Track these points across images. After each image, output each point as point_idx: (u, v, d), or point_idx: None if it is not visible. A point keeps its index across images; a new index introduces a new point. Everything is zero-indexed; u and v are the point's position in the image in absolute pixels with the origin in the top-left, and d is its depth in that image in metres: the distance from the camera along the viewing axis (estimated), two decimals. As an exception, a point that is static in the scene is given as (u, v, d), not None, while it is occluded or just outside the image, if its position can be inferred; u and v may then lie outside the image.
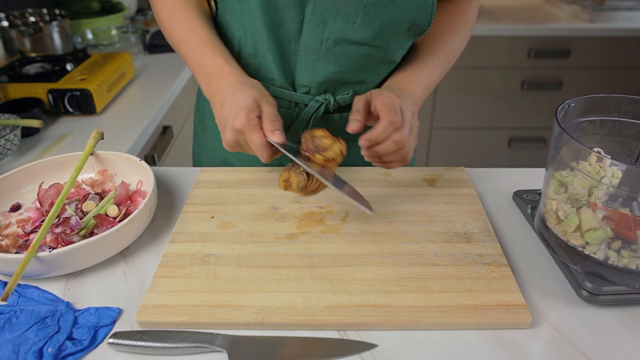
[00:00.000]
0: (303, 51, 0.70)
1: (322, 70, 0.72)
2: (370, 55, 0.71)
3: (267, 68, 0.73)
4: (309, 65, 0.71)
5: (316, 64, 0.71)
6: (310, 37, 0.69)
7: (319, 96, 0.75)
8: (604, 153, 0.60)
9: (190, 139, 1.56)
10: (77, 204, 0.67)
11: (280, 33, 0.69)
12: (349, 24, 0.67)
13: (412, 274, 0.58)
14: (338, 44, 0.69)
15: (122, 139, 1.01)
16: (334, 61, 0.71)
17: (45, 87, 1.08)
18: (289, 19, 0.67)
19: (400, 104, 0.64)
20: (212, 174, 0.77)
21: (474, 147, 2.27)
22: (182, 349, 0.49)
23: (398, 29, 0.70)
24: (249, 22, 0.70)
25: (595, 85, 2.09)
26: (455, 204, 0.70)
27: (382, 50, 0.72)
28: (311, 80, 0.73)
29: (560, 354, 0.49)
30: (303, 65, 0.72)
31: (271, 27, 0.68)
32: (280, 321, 0.52)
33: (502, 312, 0.52)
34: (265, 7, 0.66)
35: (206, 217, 0.68)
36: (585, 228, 0.55)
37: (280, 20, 0.68)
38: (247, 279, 0.57)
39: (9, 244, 0.62)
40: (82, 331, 0.52)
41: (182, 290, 0.56)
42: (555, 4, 2.23)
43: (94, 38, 1.52)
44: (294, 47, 0.70)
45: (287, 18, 0.67)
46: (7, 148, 0.89)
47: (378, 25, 0.68)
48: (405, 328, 0.52)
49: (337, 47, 0.69)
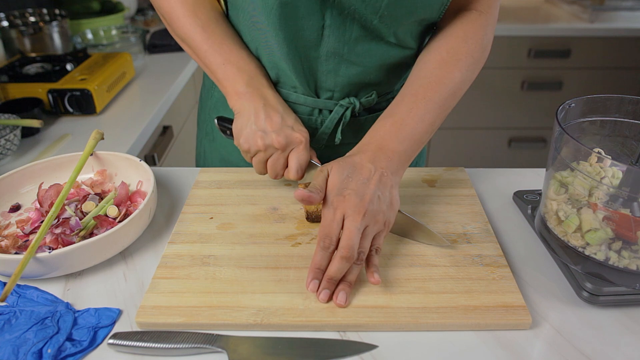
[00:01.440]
0: (324, 56, 0.69)
1: (345, 72, 0.70)
2: (390, 52, 0.70)
3: (287, 76, 0.72)
4: (331, 69, 0.70)
5: (338, 67, 0.70)
6: (333, 41, 0.67)
7: (342, 100, 0.73)
8: (604, 153, 0.60)
9: (190, 139, 1.56)
10: (76, 204, 0.67)
11: (300, 43, 0.67)
12: (367, 21, 0.65)
13: (411, 275, 0.58)
14: (359, 42, 0.67)
15: (122, 139, 1.01)
16: (357, 62, 0.69)
17: (45, 87, 1.08)
18: (310, 27, 0.65)
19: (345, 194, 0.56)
20: (212, 175, 0.77)
21: (474, 147, 2.27)
22: (182, 349, 0.49)
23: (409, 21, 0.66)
24: (262, 37, 0.69)
25: (595, 85, 2.09)
26: (455, 205, 0.70)
27: (400, 48, 0.70)
28: (334, 84, 0.72)
29: (561, 354, 0.49)
30: (325, 70, 0.70)
31: (290, 39, 0.66)
32: (280, 322, 0.52)
33: (502, 313, 0.52)
34: (283, 19, 0.64)
35: (205, 218, 0.68)
36: (586, 229, 0.55)
37: (300, 29, 0.66)
38: (246, 279, 0.57)
39: (8, 244, 0.62)
40: (81, 332, 0.51)
41: (181, 291, 0.55)
42: (555, 4, 2.23)
43: (94, 38, 1.52)
44: (314, 54, 0.69)
45: (307, 26, 0.65)
46: (7, 148, 0.88)
47: (393, 20, 0.64)
48: (405, 329, 0.52)
49: (359, 46, 0.68)
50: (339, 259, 0.54)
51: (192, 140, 1.58)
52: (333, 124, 0.74)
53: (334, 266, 0.54)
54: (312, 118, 0.75)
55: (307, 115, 0.75)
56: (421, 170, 0.78)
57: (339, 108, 0.73)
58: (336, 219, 0.55)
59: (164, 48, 1.53)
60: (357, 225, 0.54)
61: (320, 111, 0.75)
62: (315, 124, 0.76)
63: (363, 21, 0.65)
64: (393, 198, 0.58)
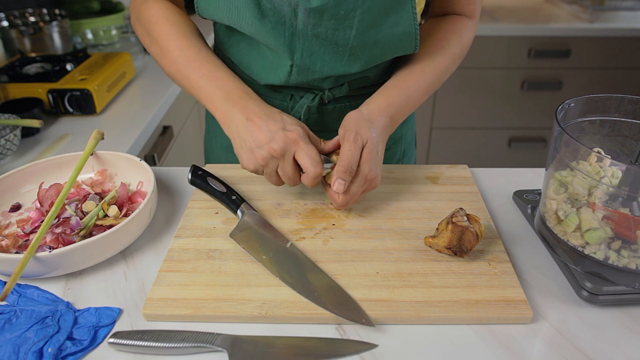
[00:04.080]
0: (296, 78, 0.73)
1: (317, 82, 0.74)
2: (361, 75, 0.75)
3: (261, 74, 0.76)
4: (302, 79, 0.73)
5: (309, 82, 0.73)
6: (301, 77, 0.71)
7: (314, 88, 0.76)
8: (603, 153, 0.60)
9: (190, 138, 1.56)
10: (77, 204, 0.67)
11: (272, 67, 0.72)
12: (336, 63, 0.69)
13: (414, 269, 0.58)
14: (327, 78, 0.72)
15: (122, 139, 1.01)
16: (327, 83, 0.74)
17: (45, 87, 1.08)
18: (278, 64, 0.70)
19: (358, 138, 0.63)
20: (217, 171, 0.78)
21: (474, 147, 2.27)
22: (183, 348, 0.49)
23: (384, 60, 0.72)
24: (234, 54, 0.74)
25: (595, 85, 2.09)
26: (458, 201, 0.70)
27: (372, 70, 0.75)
28: (308, 85, 0.75)
29: (561, 354, 0.49)
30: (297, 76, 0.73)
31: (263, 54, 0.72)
32: (284, 315, 0.52)
33: (503, 307, 0.53)
34: (254, 46, 0.70)
35: (211, 213, 0.68)
36: (585, 228, 0.55)
37: (270, 63, 0.71)
38: (251, 273, 0.58)
39: (9, 244, 0.62)
40: (82, 331, 0.52)
41: (187, 284, 0.56)
42: (555, 4, 2.23)
43: (94, 38, 1.52)
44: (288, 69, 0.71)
45: (276, 62, 0.70)
46: (7, 148, 0.89)
47: (364, 62, 0.70)
48: (407, 322, 0.53)
49: (327, 80, 0.73)
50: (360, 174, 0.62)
51: (192, 140, 1.58)
52: (302, 109, 0.77)
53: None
54: (284, 103, 0.78)
55: (280, 100, 0.78)
56: (424, 168, 0.79)
57: (309, 94, 0.76)
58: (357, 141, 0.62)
59: (164, 48, 1.53)
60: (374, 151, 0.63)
61: (291, 96, 0.78)
62: (287, 109, 0.78)
63: (334, 60, 0.69)
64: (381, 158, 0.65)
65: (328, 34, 0.65)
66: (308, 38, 0.66)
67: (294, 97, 0.78)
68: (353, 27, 0.64)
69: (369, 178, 0.63)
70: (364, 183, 0.63)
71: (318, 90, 0.76)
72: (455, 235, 0.58)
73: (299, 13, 0.63)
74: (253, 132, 0.62)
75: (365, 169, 0.62)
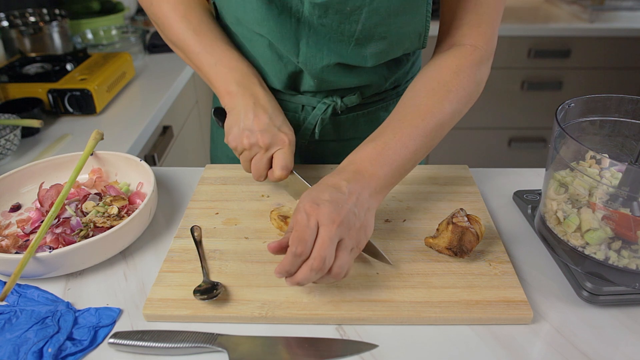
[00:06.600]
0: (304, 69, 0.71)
1: (326, 82, 0.72)
2: (371, 71, 0.72)
3: (270, 79, 0.74)
4: (312, 78, 0.72)
5: (320, 79, 0.71)
6: (310, 63, 0.68)
7: (326, 99, 0.75)
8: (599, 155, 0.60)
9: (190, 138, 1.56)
10: (77, 204, 0.67)
11: (281, 58, 0.70)
12: (342, 50, 0.67)
13: (414, 269, 0.58)
14: (337, 67, 0.70)
15: (122, 139, 1.01)
16: (336, 79, 0.72)
17: (45, 87, 1.08)
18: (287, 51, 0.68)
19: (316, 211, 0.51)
20: (218, 171, 0.78)
21: (474, 147, 2.27)
22: (183, 349, 0.49)
23: (390, 57, 0.70)
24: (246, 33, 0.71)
25: (595, 85, 2.09)
26: (458, 202, 0.70)
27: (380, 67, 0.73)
28: (317, 86, 0.73)
29: (561, 354, 0.49)
30: (306, 75, 0.72)
31: (272, 50, 0.69)
32: (284, 315, 0.53)
33: (503, 308, 0.53)
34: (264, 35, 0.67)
35: (211, 214, 0.68)
36: (585, 228, 0.55)
37: (279, 52, 0.69)
38: (251, 273, 0.58)
39: (9, 244, 0.62)
40: (82, 331, 0.52)
41: (187, 284, 0.56)
42: (555, 4, 2.23)
43: (94, 38, 1.52)
44: (296, 66, 0.70)
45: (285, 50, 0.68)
46: (7, 148, 0.88)
47: (370, 53, 0.67)
48: (407, 323, 0.53)
49: (337, 68, 0.70)
50: (309, 269, 0.48)
51: (192, 140, 1.58)
52: (315, 120, 0.76)
53: (301, 274, 0.49)
54: (296, 115, 0.77)
55: (292, 111, 0.77)
56: (424, 168, 0.79)
57: (322, 105, 0.75)
58: (310, 225, 0.49)
59: (164, 48, 1.53)
60: (331, 235, 0.49)
61: (303, 107, 0.77)
62: (299, 120, 0.78)
63: (340, 47, 0.67)
64: (367, 221, 0.53)
65: (334, 25, 0.64)
66: (314, 26, 0.65)
67: (305, 108, 0.77)
68: (359, 22, 0.63)
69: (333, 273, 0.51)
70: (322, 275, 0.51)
71: (327, 94, 0.75)
72: (455, 236, 0.58)
73: (305, 2, 0.63)
74: (254, 117, 0.64)
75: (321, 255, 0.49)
